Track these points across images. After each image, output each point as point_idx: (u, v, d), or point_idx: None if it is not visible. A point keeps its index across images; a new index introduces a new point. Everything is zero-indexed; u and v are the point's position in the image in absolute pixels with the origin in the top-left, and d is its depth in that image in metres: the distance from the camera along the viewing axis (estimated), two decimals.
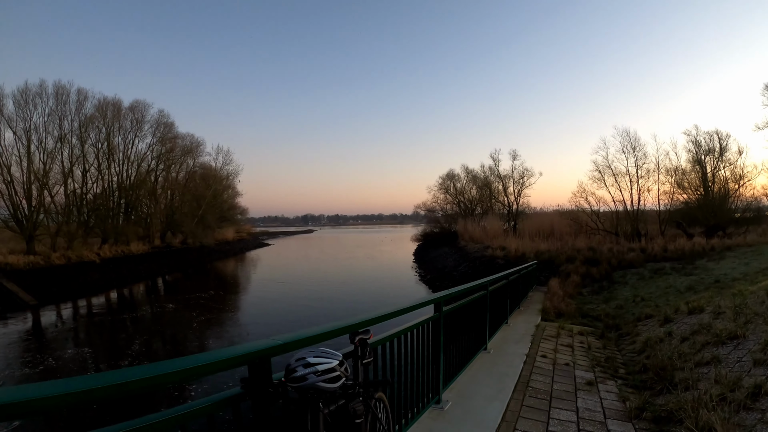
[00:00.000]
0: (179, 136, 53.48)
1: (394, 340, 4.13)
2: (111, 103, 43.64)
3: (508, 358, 7.69)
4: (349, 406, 2.53)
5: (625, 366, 7.76)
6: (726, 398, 5.19)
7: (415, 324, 4.58)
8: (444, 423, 4.88)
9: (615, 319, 12.25)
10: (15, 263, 28.87)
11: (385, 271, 37.84)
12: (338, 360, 2.33)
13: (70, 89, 39.35)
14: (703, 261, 19.63)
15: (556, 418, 5.22)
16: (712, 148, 33.91)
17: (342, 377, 2.31)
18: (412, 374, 4.57)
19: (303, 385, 2.18)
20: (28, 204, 35.12)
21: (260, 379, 2.25)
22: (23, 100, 36.23)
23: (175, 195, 54.75)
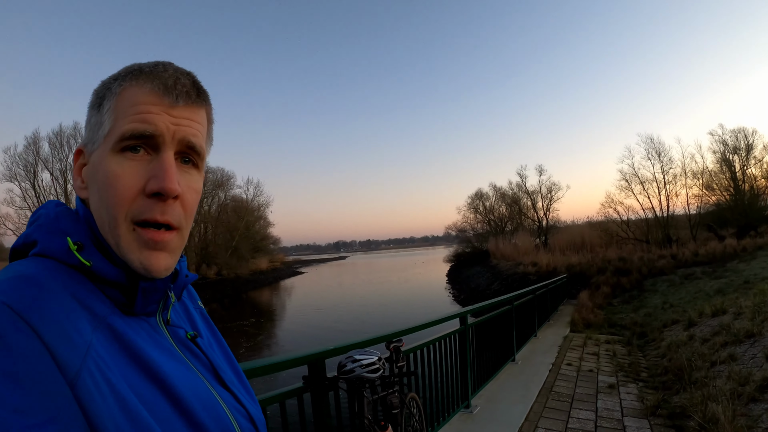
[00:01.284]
0: (210, 170, 54.84)
1: (424, 349, 4.78)
2: None
3: (535, 367, 8.16)
4: (387, 399, 3.24)
5: (647, 370, 8.12)
6: (737, 392, 5.60)
7: (442, 335, 5.27)
8: (472, 424, 5.45)
9: (642, 326, 12.45)
10: None
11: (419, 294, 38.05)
12: (377, 356, 3.02)
13: None
14: (734, 263, 19.49)
15: (576, 417, 5.70)
16: (738, 146, 33.69)
17: (381, 369, 3.00)
18: (442, 381, 5.24)
19: (351, 376, 2.89)
20: None
21: (318, 375, 2.99)
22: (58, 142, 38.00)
23: (208, 228, 55.98)
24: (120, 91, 0.74)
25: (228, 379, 0.85)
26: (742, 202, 31.31)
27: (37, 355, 0.54)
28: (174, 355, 0.76)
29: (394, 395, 3.39)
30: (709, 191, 34.03)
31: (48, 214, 0.76)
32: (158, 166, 0.71)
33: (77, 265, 0.69)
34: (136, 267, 0.71)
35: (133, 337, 0.69)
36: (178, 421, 0.67)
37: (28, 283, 0.61)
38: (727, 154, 33.99)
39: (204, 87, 0.81)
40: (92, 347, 0.60)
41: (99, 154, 0.74)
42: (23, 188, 35.75)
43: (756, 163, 33.14)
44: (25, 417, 0.49)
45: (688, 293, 16.36)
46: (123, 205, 0.70)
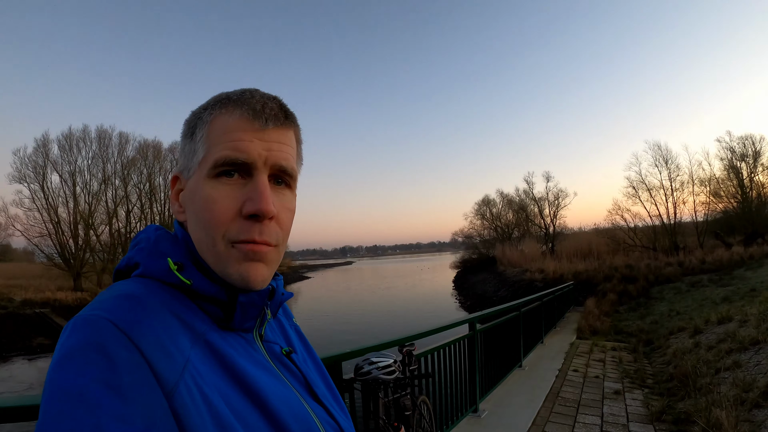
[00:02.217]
0: None
1: (435, 353, 4.92)
2: (151, 145, 45.32)
3: (542, 373, 8.26)
4: (400, 401, 3.39)
5: (653, 377, 8.20)
6: (740, 398, 5.69)
7: (451, 340, 5.42)
8: (480, 428, 5.59)
9: (649, 333, 12.52)
10: (63, 299, 30.29)
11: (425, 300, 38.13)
12: (393, 359, 3.16)
13: (112, 133, 41.53)
14: (741, 270, 19.54)
15: (582, 422, 5.81)
16: (746, 153, 33.57)
17: (396, 371, 3.14)
18: (451, 385, 5.37)
19: (368, 378, 3.02)
20: (74, 243, 37.07)
21: (335, 377, 3.09)
22: (68, 144, 38.19)
23: None
24: (211, 119, 0.79)
25: (321, 393, 0.88)
26: (750, 209, 31.18)
27: (137, 367, 0.58)
28: (269, 369, 0.80)
29: (407, 397, 3.55)
30: (717, 198, 34.00)
31: (149, 237, 0.81)
32: (253, 189, 0.75)
33: (177, 284, 0.75)
34: (235, 279, 0.75)
35: (230, 352, 0.73)
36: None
37: (131, 301, 0.65)
38: (735, 161, 33.91)
39: (291, 110, 0.85)
40: (190, 362, 0.65)
41: (195, 180, 0.79)
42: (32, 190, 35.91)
43: (763, 170, 33.00)
44: (125, 425, 0.53)
45: (694, 301, 16.37)
46: (221, 226, 0.74)
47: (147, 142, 45.20)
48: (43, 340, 24.63)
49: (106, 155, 40.63)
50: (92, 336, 0.58)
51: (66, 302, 30.03)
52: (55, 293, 31.02)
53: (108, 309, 0.62)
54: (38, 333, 25.33)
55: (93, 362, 0.56)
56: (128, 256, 0.81)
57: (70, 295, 31.65)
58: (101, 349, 0.57)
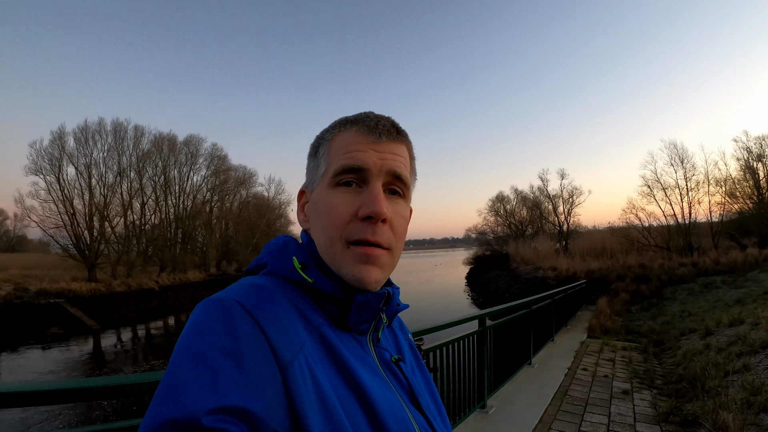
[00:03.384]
0: (232, 168, 55.40)
1: (443, 348, 4.99)
2: (166, 138, 45.84)
3: (551, 371, 8.30)
4: None
5: (662, 377, 8.21)
6: (748, 402, 5.70)
7: (461, 336, 5.46)
8: (487, 424, 5.64)
9: (660, 334, 12.51)
10: (78, 290, 30.55)
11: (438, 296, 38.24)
12: None
13: (127, 126, 41.85)
14: (755, 272, 19.39)
15: (589, 421, 5.85)
16: (763, 153, 33.22)
17: None
18: (460, 380, 5.43)
19: None
20: (89, 234, 37.33)
21: None
22: (83, 137, 38.56)
23: (229, 225, 56.48)
24: (331, 138, 0.90)
25: (424, 404, 0.91)
26: (766, 210, 30.86)
27: (257, 342, 0.65)
28: (376, 371, 0.84)
29: None
30: (732, 199, 33.65)
31: (277, 243, 0.91)
32: (368, 195, 0.83)
33: (300, 282, 0.83)
34: (350, 279, 0.82)
35: (340, 347, 0.78)
36: (368, 428, 0.72)
37: (257, 289, 0.74)
38: (751, 161, 33.53)
39: (403, 128, 0.93)
40: (305, 346, 0.71)
41: (318, 191, 0.89)
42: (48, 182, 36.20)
43: None
44: (239, 390, 0.58)
45: (707, 302, 16.33)
46: (338, 228, 0.82)
47: (162, 135, 45.74)
48: (57, 330, 25.03)
49: (121, 148, 40.97)
50: (220, 312, 0.66)
51: (80, 293, 30.36)
52: (70, 284, 31.24)
53: (236, 293, 0.71)
54: (52, 323, 25.68)
55: (218, 332, 0.63)
56: (258, 258, 0.90)
57: (85, 285, 31.96)
58: (226, 323, 0.65)
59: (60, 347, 21.83)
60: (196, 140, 49.12)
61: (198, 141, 49.23)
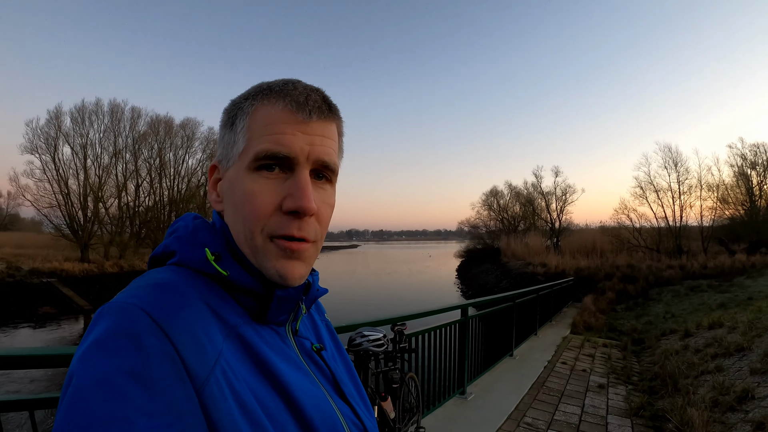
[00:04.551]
0: None
1: (426, 334, 5.25)
2: (163, 121, 45.60)
3: (531, 363, 8.54)
4: (388, 373, 3.73)
5: (639, 374, 8.45)
6: (717, 401, 5.93)
7: (443, 324, 5.75)
8: (466, 409, 5.89)
9: (641, 333, 12.74)
10: (70, 270, 30.71)
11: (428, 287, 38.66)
12: (383, 334, 3.48)
13: (124, 107, 41.90)
14: (742, 278, 19.65)
15: (563, 411, 6.09)
16: (757, 161, 33.51)
17: (385, 345, 3.46)
18: (441, 367, 5.69)
19: (359, 349, 3.33)
20: (83, 215, 37.51)
21: None
22: (80, 117, 38.54)
23: None
24: (252, 110, 0.77)
25: (348, 392, 0.88)
26: (757, 217, 31.19)
27: (168, 360, 0.57)
28: (298, 365, 0.79)
29: (395, 371, 3.88)
30: (724, 205, 33.95)
31: (186, 226, 0.81)
32: (294, 185, 0.74)
33: (214, 275, 0.74)
34: (272, 275, 0.75)
35: (261, 346, 0.73)
36: (295, 428, 0.69)
37: (165, 291, 0.64)
38: (745, 168, 33.84)
39: (333, 102, 0.84)
40: (222, 355, 0.64)
41: (234, 171, 0.78)
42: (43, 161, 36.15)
43: None
44: (153, 419, 0.52)
45: (691, 305, 16.55)
46: (260, 220, 0.74)
47: (159, 117, 45.57)
48: (49, 309, 25.13)
49: (117, 129, 41.06)
50: (124, 324, 0.57)
51: (73, 273, 30.48)
52: (62, 263, 31.36)
53: (141, 297, 0.62)
54: (44, 302, 25.79)
55: (123, 352, 0.55)
56: (164, 244, 0.81)
57: (77, 266, 32.10)
58: (132, 339, 0.56)
59: (51, 327, 21.99)
60: (193, 123, 48.57)
61: (194, 124, 48.67)
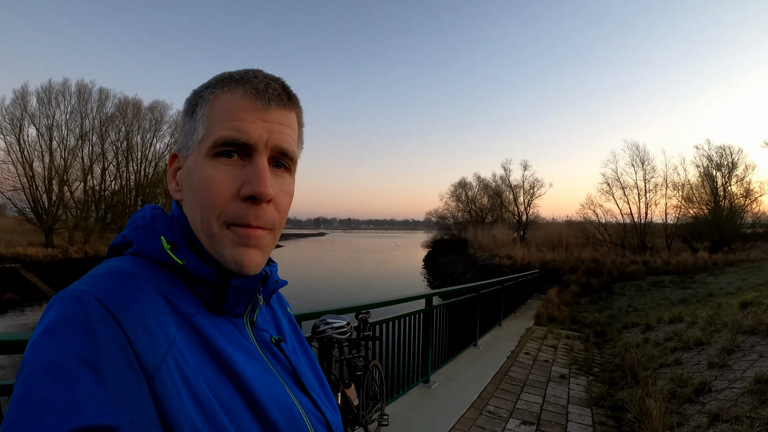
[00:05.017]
0: None
1: (390, 323, 5.24)
2: (131, 103, 44.51)
3: (494, 353, 8.60)
4: (352, 361, 3.72)
5: (600, 366, 8.59)
6: (675, 393, 6.03)
7: (408, 313, 5.73)
8: (429, 397, 5.90)
9: (603, 326, 13.00)
10: (34, 255, 29.95)
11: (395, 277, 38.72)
12: (346, 321, 3.49)
13: (92, 88, 40.70)
14: (703, 275, 20.07)
15: (525, 400, 6.14)
16: (722, 163, 34.21)
17: (348, 332, 3.45)
18: (405, 356, 5.70)
19: (323, 336, 3.33)
20: (48, 198, 36.47)
21: None
22: (47, 97, 37.41)
23: None
24: (212, 98, 0.77)
25: (309, 384, 0.87)
26: (720, 217, 31.87)
27: (119, 347, 0.56)
28: (256, 357, 0.78)
29: (359, 359, 3.87)
30: (688, 204, 34.64)
31: (144, 216, 0.80)
32: (252, 171, 0.74)
33: (170, 264, 0.73)
34: (228, 263, 0.74)
35: (216, 337, 0.71)
36: (252, 420, 0.68)
37: (119, 279, 0.64)
38: (711, 169, 34.52)
39: (293, 91, 0.83)
40: (174, 344, 0.63)
41: (193, 159, 0.77)
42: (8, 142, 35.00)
43: (737, 182, 33.73)
44: (102, 406, 0.51)
45: (653, 299, 16.90)
46: (217, 207, 0.73)
47: (127, 99, 44.43)
48: (12, 296, 24.51)
49: (84, 110, 39.93)
50: (76, 312, 0.57)
51: (37, 258, 29.80)
52: (26, 249, 30.63)
53: (95, 285, 0.61)
54: (7, 288, 25.13)
55: (74, 338, 0.55)
56: (123, 234, 0.80)
57: (41, 251, 31.38)
58: (84, 326, 0.56)
59: (14, 313, 21.53)
60: (162, 106, 47.51)
61: (163, 107, 47.57)
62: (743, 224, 32.75)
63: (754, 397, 4.96)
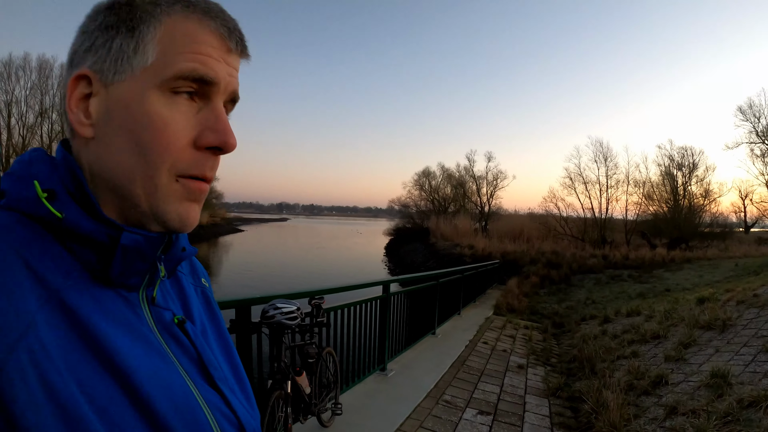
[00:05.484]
0: None
1: (345, 309, 5.04)
2: None
3: (453, 342, 8.51)
4: (304, 348, 3.55)
5: (558, 356, 8.60)
6: (633, 385, 6.03)
7: (364, 299, 5.55)
8: (386, 385, 5.76)
9: (562, 317, 13.06)
10: None
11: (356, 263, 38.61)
12: (297, 306, 3.32)
13: (53, 64, 39.39)
14: (661, 271, 20.43)
15: (482, 390, 6.06)
16: (683, 163, 35.05)
17: (298, 318, 3.27)
18: (361, 343, 5.52)
19: (272, 321, 3.16)
20: None
21: (243, 319, 3.29)
22: (6, 72, 36.27)
23: None
24: (167, 19, 0.61)
25: (219, 376, 0.71)
26: (679, 215, 32.75)
27: None
28: (149, 341, 0.62)
29: (312, 346, 3.71)
30: (649, 201, 35.59)
31: (23, 159, 0.63)
32: (214, 118, 0.63)
33: (47, 218, 0.57)
34: (172, 219, 0.61)
35: (93, 316, 0.55)
36: (138, 424, 0.54)
37: None
38: (672, 168, 35.42)
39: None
40: (32, 330, 0.48)
41: (132, 89, 0.60)
42: None
43: (697, 182, 34.78)
44: None
45: (611, 293, 17.13)
46: (169, 154, 0.60)
47: None
48: None
49: (45, 87, 38.88)
50: None
51: None
52: None
53: None
54: None
55: None
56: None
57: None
58: None
59: None
60: None
61: None
62: (701, 223, 33.54)
63: (711, 390, 4.95)
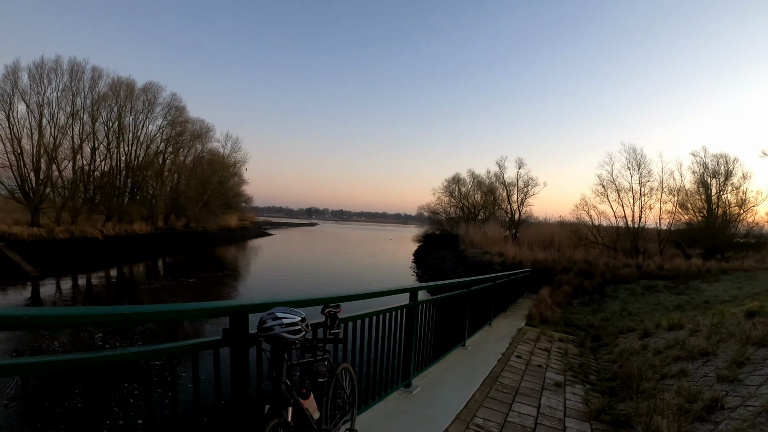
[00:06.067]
0: (190, 121, 53.74)
1: (366, 319, 4.48)
2: (124, 83, 44.10)
3: (484, 355, 8.00)
4: (313, 365, 2.94)
5: (597, 373, 8.01)
6: (684, 408, 5.44)
7: (388, 308, 4.97)
8: (410, 404, 5.21)
9: (598, 330, 12.43)
10: (19, 234, 29.18)
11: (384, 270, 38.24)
12: (301, 317, 2.66)
13: (84, 66, 39.74)
14: (697, 282, 19.65)
15: (517, 411, 5.51)
16: (718, 170, 33.91)
17: (302, 331, 2.63)
18: (383, 356, 4.95)
19: (270, 334, 2.55)
20: (36, 177, 35.60)
21: (238, 330, 2.71)
22: (38, 74, 36.60)
23: (181, 178, 55.02)
24: None
25: None
26: (714, 225, 31.60)
27: None
28: None
29: (323, 363, 3.11)
30: (683, 210, 34.41)
31: None
32: None
33: None
34: None
35: None
36: None
37: None
38: (706, 176, 34.24)
39: None
40: None
41: None
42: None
43: (732, 190, 33.50)
44: None
45: (647, 304, 16.48)
46: None
47: (120, 79, 44.00)
48: None
49: (76, 89, 39.05)
50: None
51: (22, 237, 29.10)
52: (11, 227, 29.80)
53: None
54: None
55: None
56: None
57: (27, 230, 30.60)
58: None
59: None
60: (155, 88, 47.56)
61: (157, 89, 47.69)
62: (736, 233, 32.38)
63: None
